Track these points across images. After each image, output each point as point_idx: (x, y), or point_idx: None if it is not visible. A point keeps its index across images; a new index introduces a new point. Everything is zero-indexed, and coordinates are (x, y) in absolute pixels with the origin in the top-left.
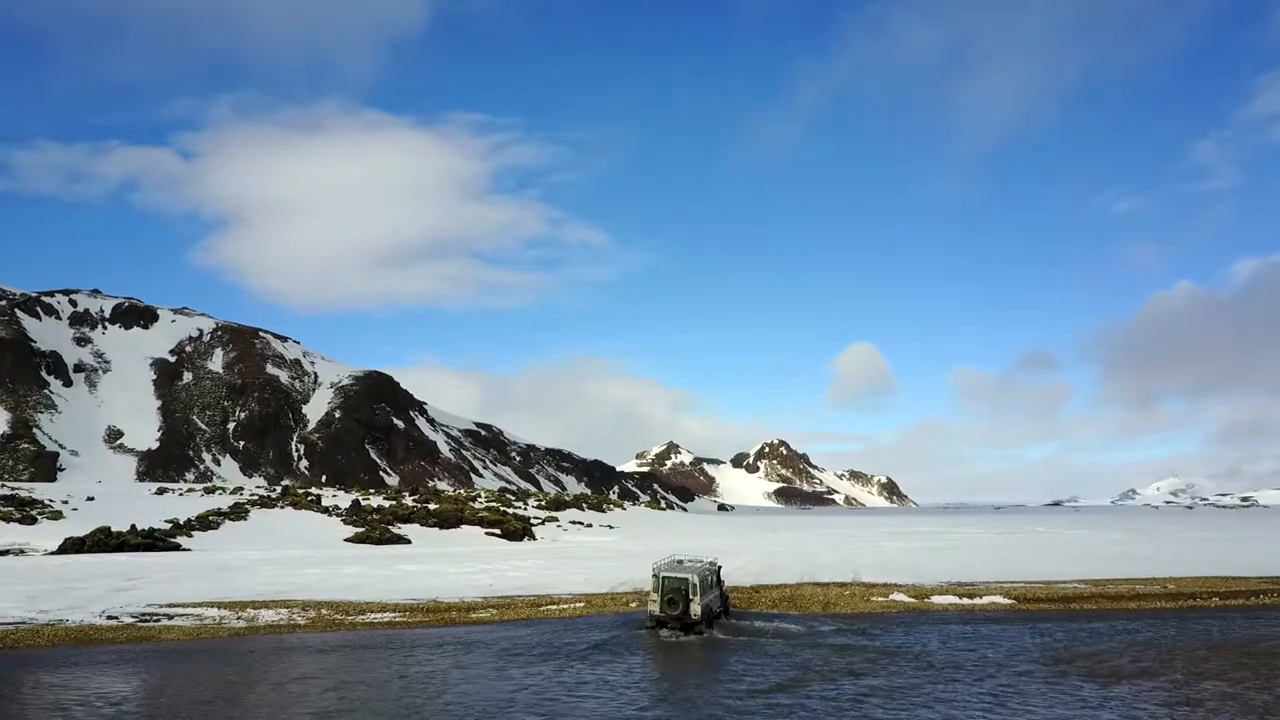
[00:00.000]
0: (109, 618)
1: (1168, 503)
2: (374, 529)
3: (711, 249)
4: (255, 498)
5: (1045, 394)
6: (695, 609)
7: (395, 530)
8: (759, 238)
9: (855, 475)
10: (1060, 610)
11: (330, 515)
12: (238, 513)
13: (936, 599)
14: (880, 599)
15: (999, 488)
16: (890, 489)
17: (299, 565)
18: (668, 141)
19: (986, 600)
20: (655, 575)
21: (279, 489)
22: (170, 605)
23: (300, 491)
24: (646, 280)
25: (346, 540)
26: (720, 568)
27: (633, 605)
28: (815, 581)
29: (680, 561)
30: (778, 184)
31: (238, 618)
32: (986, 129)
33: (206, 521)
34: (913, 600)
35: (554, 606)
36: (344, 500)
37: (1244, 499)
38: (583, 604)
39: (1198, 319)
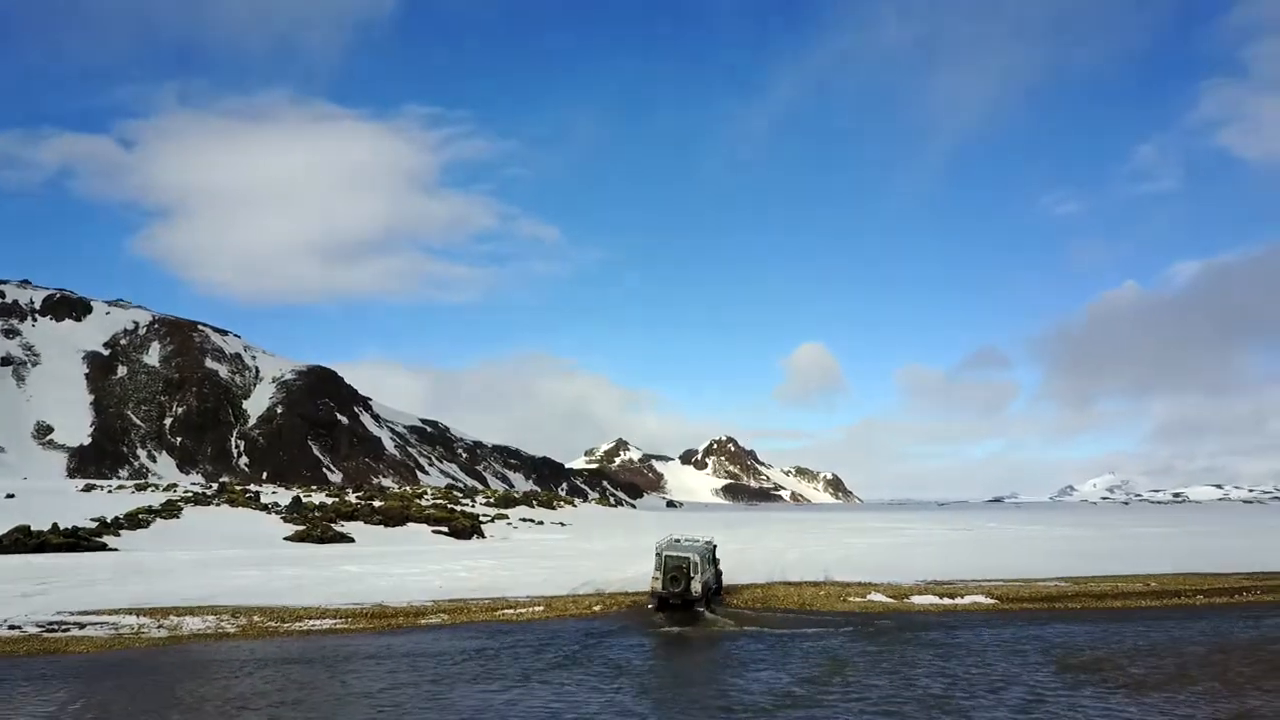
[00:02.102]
0: (11, 627)
1: (1104, 499)
2: (315, 527)
3: (667, 246)
4: (189, 495)
5: (993, 391)
6: (696, 586)
7: (338, 528)
8: (716, 235)
9: (801, 472)
10: (1045, 610)
11: (269, 513)
12: (170, 510)
13: (916, 599)
14: (857, 599)
15: (942, 484)
16: (836, 485)
17: (232, 566)
18: (633, 135)
19: (969, 600)
20: (658, 554)
21: (216, 486)
22: (83, 613)
23: (238, 488)
24: (599, 276)
25: (286, 539)
26: (716, 546)
27: (596, 608)
28: (786, 581)
29: (678, 541)
30: (741, 180)
31: (159, 626)
32: (951, 127)
33: (136, 520)
34: (891, 600)
35: (511, 610)
36: (284, 497)
37: (1176, 495)
38: (542, 607)
39: (1140, 319)
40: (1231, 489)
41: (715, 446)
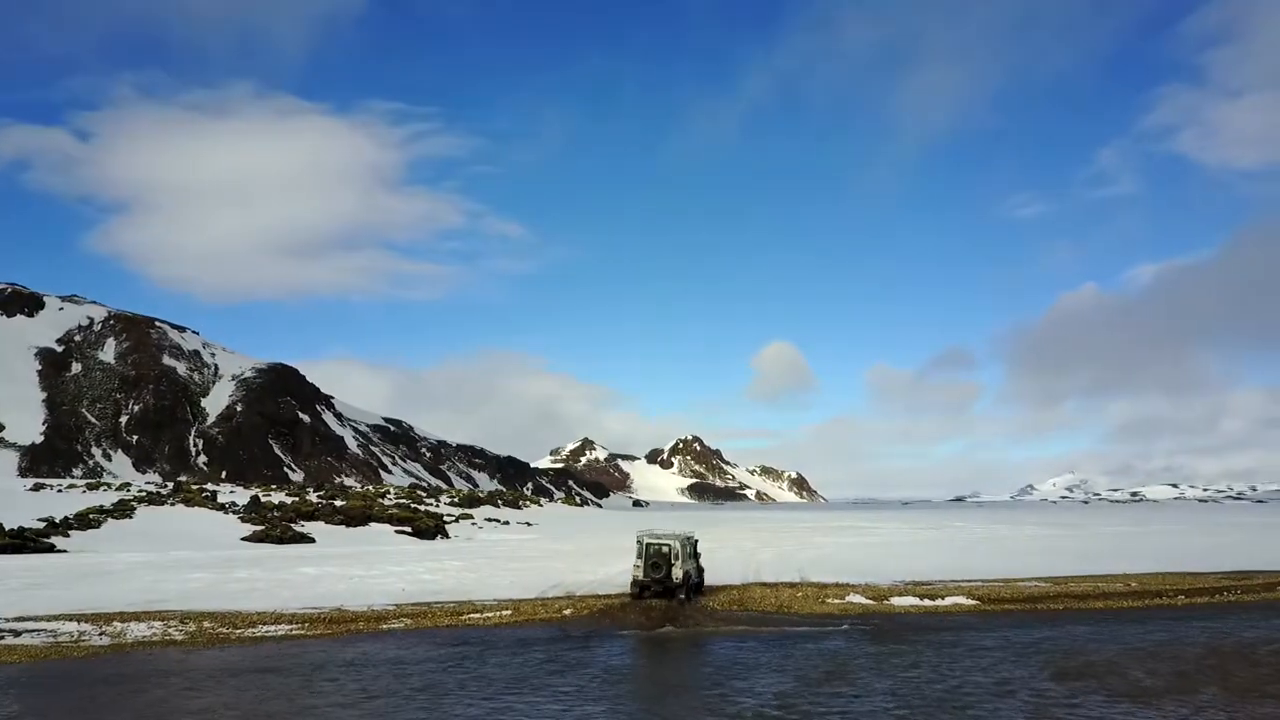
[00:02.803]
0: None
1: (1063, 498)
2: (275, 527)
3: (636, 244)
4: (143, 494)
5: (958, 392)
6: (677, 573)
7: (298, 528)
8: (685, 233)
9: (767, 471)
10: (1028, 611)
11: (227, 513)
12: (123, 511)
13: (896, 600)
14: (836, 600)
15: (905, 484)
16: (800, 484)
17: (184, 569)
18: (601, 133)
19: (950, 602)
20: (639, 542)
21: (171, 485)
22: (20, 618)
23: (195, 488)
24: (567, 274)
25: (244, 539)
26: (697, 540)
27: (567, 612)
28: (762, 582)
29: (659, 531)
30: (710, 179)
31: (101, 633)
32: (919, 128)
33: (86, 520)
34: (871, 602)
35: (477, 615)
36: (242, 497)
37: (1133, 494)
38: (510, 611)
39: (1100, 321)
40: (1187, 488)
41: (681, 446)
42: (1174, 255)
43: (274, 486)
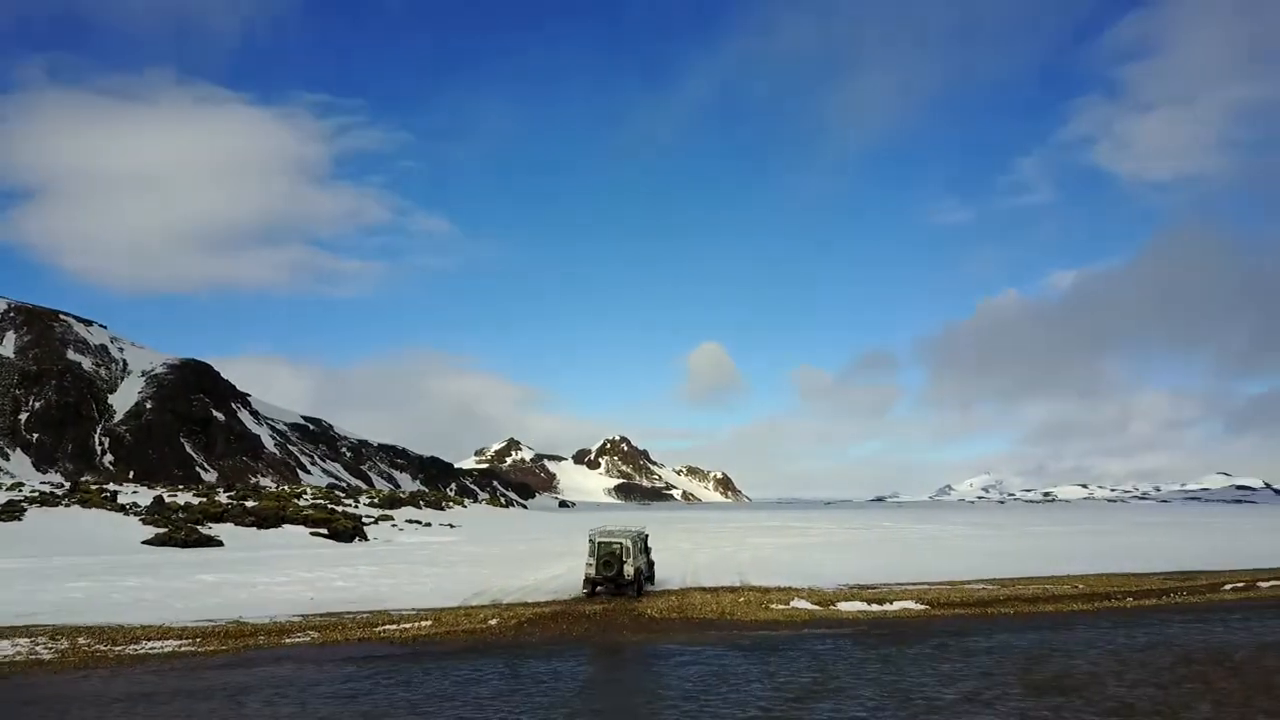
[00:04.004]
0: None
1: (980, 498)
2: (179, 530)
3: (566, 242)
4: (35, 494)
5: (880, 394)
6: (628, 570)
7: (205, 531)
8: (618, 232)
9: (693, 471)
10: (979, 616)
11: (127, 514)
12: (11, 512)
13: (843, 605)
14: (781, 606)
15: (826, 484)
16: (725, 484)
17: (66, 576)
18: (538, 130)
19: (898, 606)
20: (591, 540)
21: (68, 485)
22: None
23: (94, 488)
24: (495, 273)
25: (145, 543)
26: (648, 536)
27: (492, 622)
28: (701, 586)
29: (611, 529)
30: (649, 178)
31: None
32: (855, 132)
33: None
34: (817, 607)
35: (393, 626)
36: (146, 497)
37: (1046, 494)
38: (430, 621)
39: (1019, 325)
40: (1095, 489)
41: (609, 446)
42: (1090, 262)
43: (181, 487)
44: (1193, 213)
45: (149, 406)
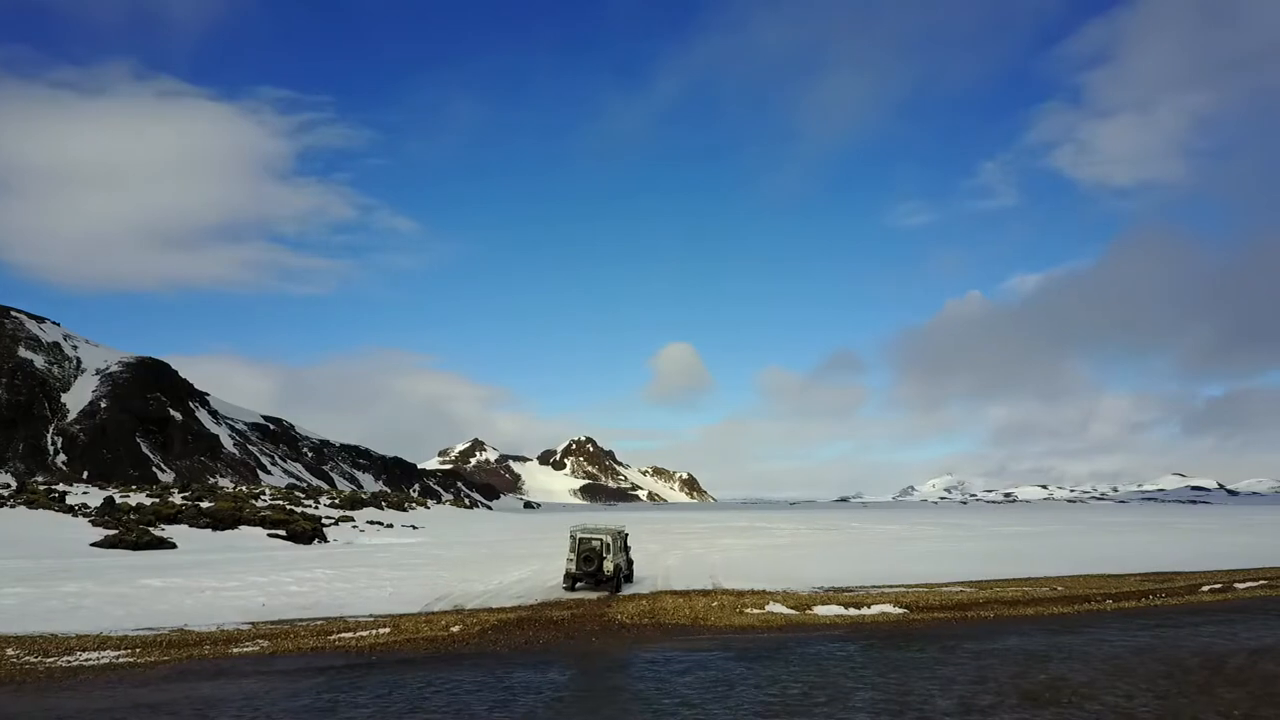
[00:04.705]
0: None
1: (942, 498)
2: (130, 531)
3: (534, 241)
4: None
5: (847, 395)
6: (608, 566)
7: (157, 533)
8: (587, 231)
9: (659, 471)
10: (959, 619)
11: (76, 515)
12: None
13: (820, 609)
14: (755, 610)
15: (791, 484)
16: (691, 484)
17: (5, 581)
18: (508, 128)
19: (877, 610)
20: (572, 536)
21: (13, 485)
22: None
23: (42, 488)
24: (461, 272)
25: (94, 545)
26: (628, 534)
27: (455, 629)
28: (672, 590)
29: (591, 526)
30: (619, 178)
31: None
32: (825, 133)
33: None
34: (793, 611)
35: (349, 634)
36: (97, 498)
37: (1006, 494)
38: (389, 629)
39: (983, 328)
40: (1056, 489)
41: (574, 447)
42: (1053, 266)
43: (134, 487)
44: (1153, 218)
45: (104, 405)
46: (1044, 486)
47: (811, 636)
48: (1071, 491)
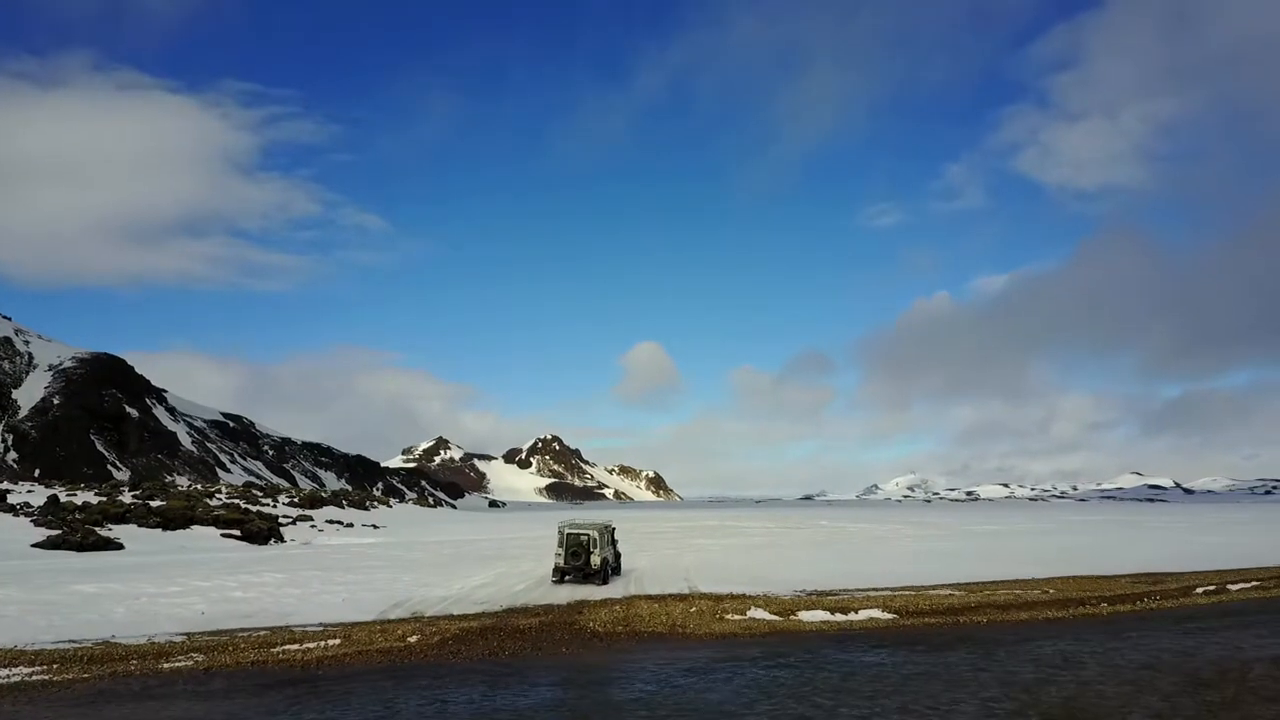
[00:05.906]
0: None
1: (905, 497)
2: (75, 531)
3: (503, 239)
4: None
5: (815, 395)
6: (595, 560)
7: (104, 533)
8: (557, 229)
9: (625, 470)
10: (951, 625)
11: (17, 515)
12: None
13: (805, 615)
14: (736, 616)
15: (756, 483)
16: (657, 483)
17: None
18: (482, 124)
19: (864, 615)
20: (560, 531)
21: None
22: None
23: None
24: (427, 269)
25: (36, 546)
26: (615, 529)
27: (412, 639)
28: (647, 594)
29: (579, 521)
30: (593, 175)
31: None
32: (801, 132)
33: None
34: (776, 617)
35: (295, 646)
36: (42, 497)
37: (969, 493)
38: (339, 640)
39: (951, 328)
40: (1017, 488)
41: (540, 445)
42: (1017, 268)
43: (83, 485)
44: (1117, 221)
45: (56, 402)
46: (1005, 485)
47: (799, 645)
48: (1032, 490)
